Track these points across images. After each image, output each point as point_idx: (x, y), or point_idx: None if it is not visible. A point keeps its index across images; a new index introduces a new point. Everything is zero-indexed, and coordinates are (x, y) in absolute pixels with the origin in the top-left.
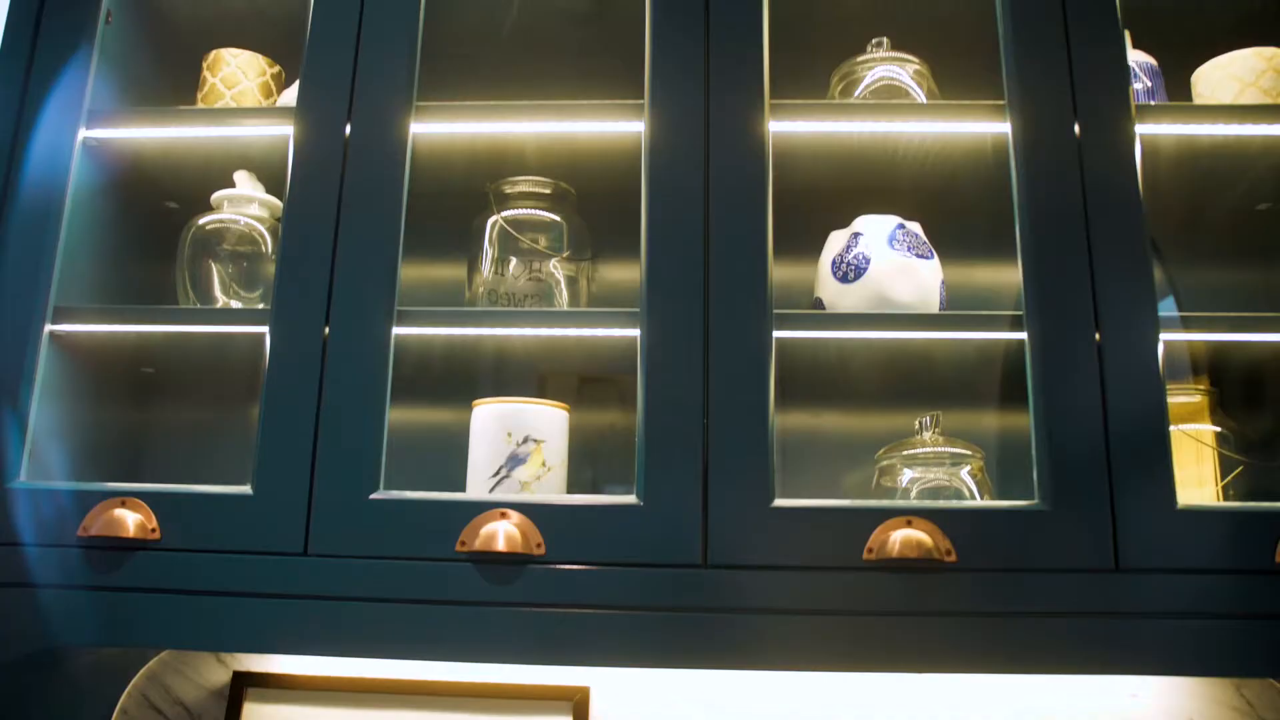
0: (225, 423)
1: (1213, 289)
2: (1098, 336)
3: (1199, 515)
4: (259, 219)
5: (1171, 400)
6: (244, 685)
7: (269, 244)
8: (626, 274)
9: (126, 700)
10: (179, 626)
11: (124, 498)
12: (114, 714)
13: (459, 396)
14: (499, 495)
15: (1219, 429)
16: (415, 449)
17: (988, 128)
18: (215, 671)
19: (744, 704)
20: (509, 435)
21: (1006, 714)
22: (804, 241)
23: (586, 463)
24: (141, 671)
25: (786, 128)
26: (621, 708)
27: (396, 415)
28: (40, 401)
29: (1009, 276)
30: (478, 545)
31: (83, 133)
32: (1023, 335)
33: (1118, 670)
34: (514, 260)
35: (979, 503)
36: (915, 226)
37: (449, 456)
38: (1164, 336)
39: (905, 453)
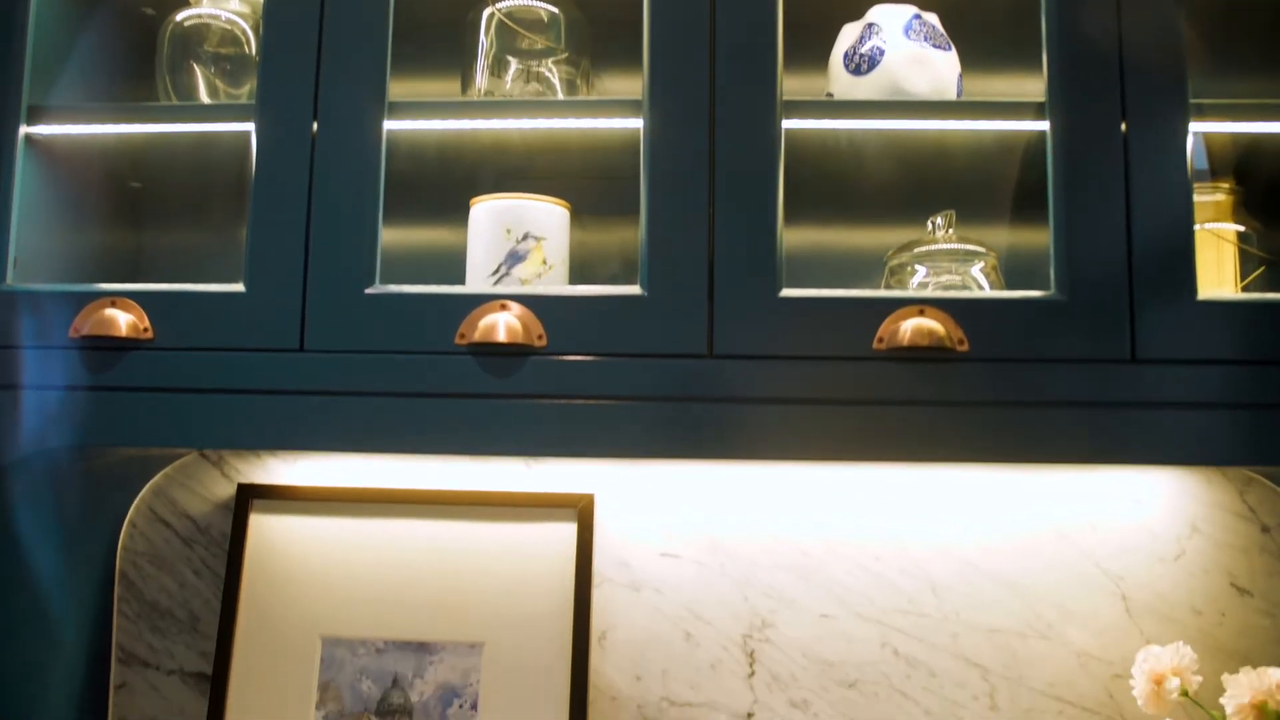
0: (216, 242)
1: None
2: (1124, 126)
3: (1219, 307)
4: (241, 15)
5: (1195, 200)
6: (249, 497)
7: (253, 44)
8: (626, 85)
9: (134, 514)
10: (175, 425)
11: (114, 298)
12: (122, 528)
13: (453, 213)
14: (499, 289)
15: (1242, 228)
16: (411, 267)
17: None
18: (220, 484)
19: (750, 514)
20: (508, 232)
21: (1008, 520)
22: (813, 53)
23: None
24: (148, 486)
25: None
26: (626, 516)
27: (390, 236)
28: (23, 213)
29: (1031, 85)
30: (477, 337)
31: None
32: (1044, 125)
33: (1131, 461)
34: (512, 63)
35: (993, 293)
36: (932, 17)
37: (446, 273)
38: (1194, 127)
39: (916, 250)
